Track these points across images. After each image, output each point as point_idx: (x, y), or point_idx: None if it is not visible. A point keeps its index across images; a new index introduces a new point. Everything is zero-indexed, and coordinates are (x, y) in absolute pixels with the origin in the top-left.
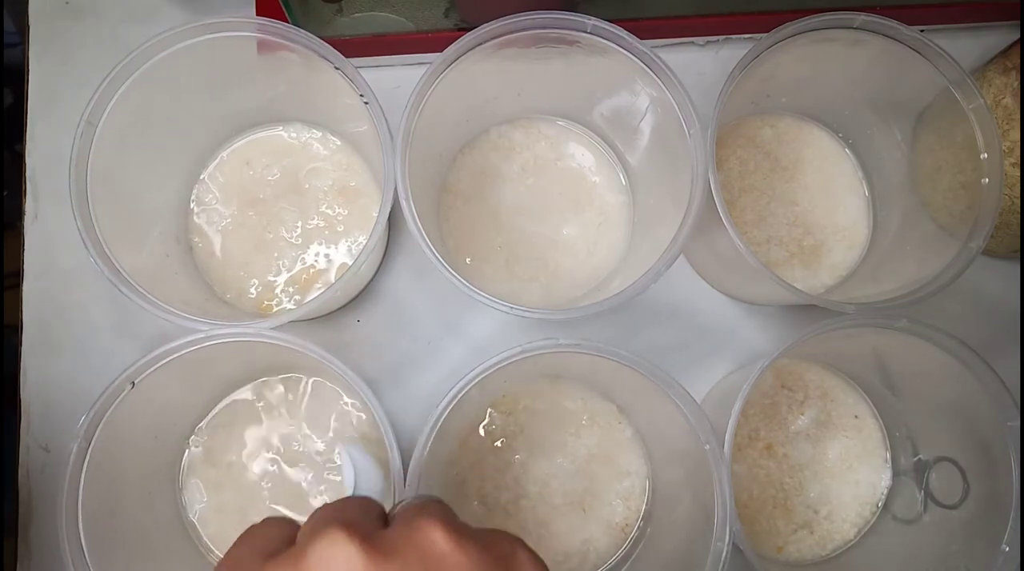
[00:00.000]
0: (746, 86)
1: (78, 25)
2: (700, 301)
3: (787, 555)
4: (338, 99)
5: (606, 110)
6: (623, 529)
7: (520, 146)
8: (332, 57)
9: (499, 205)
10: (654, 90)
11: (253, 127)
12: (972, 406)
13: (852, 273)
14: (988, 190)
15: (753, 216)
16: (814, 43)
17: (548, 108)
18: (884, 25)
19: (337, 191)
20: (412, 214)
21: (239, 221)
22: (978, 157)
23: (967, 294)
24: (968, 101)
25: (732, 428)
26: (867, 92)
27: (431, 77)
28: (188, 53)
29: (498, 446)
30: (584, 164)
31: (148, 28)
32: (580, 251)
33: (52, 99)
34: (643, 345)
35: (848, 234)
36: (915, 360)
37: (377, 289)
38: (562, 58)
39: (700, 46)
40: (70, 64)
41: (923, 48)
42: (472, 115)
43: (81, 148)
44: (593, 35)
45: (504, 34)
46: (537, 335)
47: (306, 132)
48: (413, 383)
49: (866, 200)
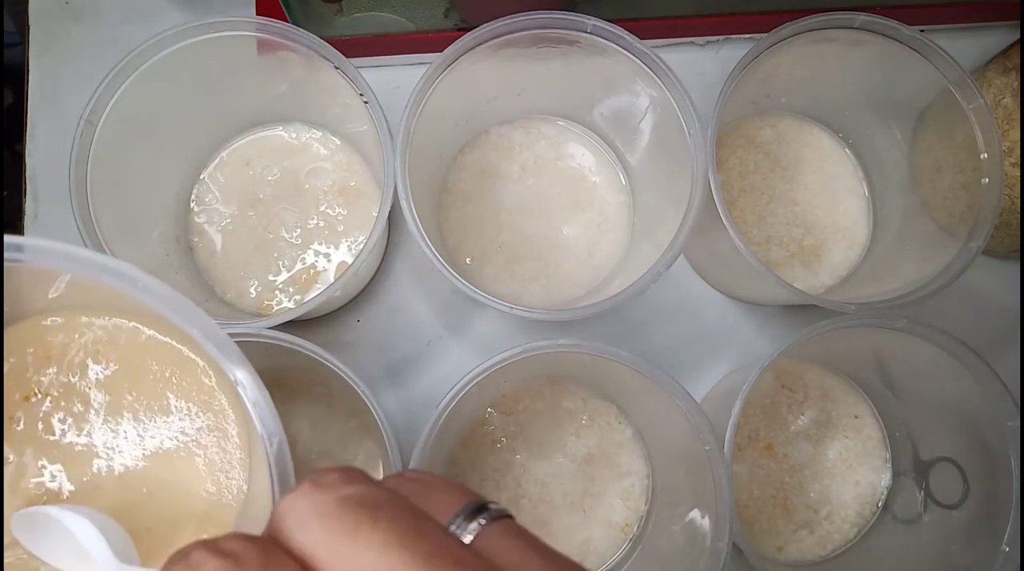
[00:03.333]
0: (746, 86)
1: (78, 25)
2: (700, 301)
3: (787, 555)
4: (338, 99)
5: (606, 110)
6: (623, 529)
7: (520, 146)
8: (332, 57)
9: (499, 205)
10: (654, 90)
11: (253, 127)
12: (972, 406)
13: (852, 273)
14: (988, 190)
15: (753, 216)
16: (814, 43)
17: (548, 108)
18: (884, 25)
19: (337, 191)
20: (412, 214)
21: (239, 221)
22: (978, 157)
23: (967, 294)
24: (968, 101)
25: (732, 428)
26: (867, 92)
27: (431, 77)
28: (188, 53)
29: (498, 446)
30: (584, 164)
31: (148, 28)
32: (580, 251)
33: (52, 99)
34: (643, 345)
35: (848, 234)
36: (915, 360)
37: (377, 289)
38: (562, 58)
39: (700, 46)
40: (70, 64)
41: (923, 48)
42: (472, 115)
43: (81, 148)
44: (593, 35)
45: (504, 34)
46: (537, 335)
47: (306, 132)
48: (413, 383)
49: (866, 200)
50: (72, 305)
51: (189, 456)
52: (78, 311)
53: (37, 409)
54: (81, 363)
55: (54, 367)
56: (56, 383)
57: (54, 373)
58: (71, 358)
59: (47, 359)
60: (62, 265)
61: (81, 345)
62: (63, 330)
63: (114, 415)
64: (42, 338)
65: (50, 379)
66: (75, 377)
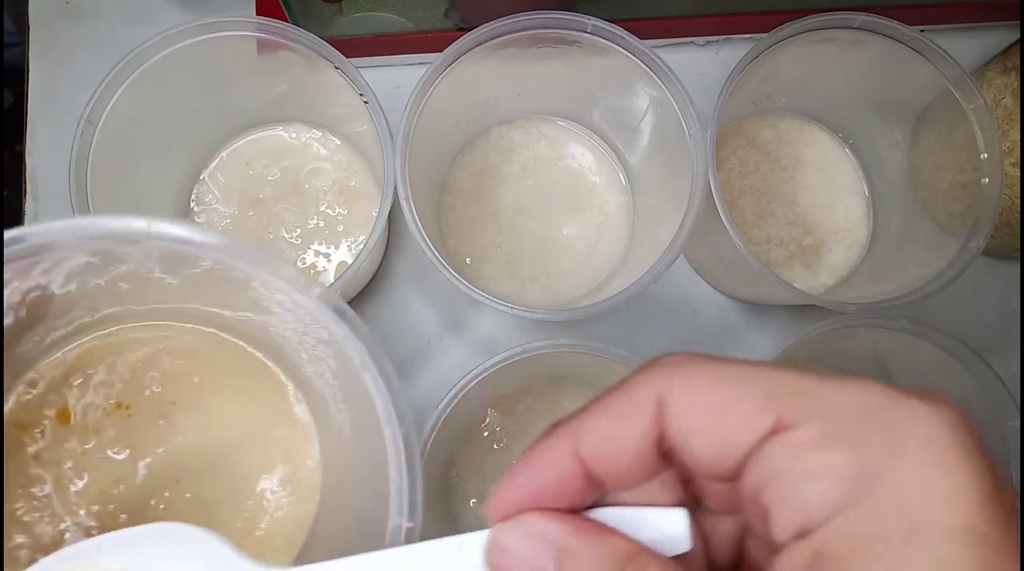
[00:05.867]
0: (746, 86)
1: (78, 25)
2: (700, 301)
3: None
4: (338, 99)
5: (606, 110)
6: None
7: (520, 146)
8: (332, 57)
9: (499, 205)
10: (654, 90)
11: (253, 127)
12: (972, 406)
13: (852, 273)
14: (988, 190)
15: (753, 216)
16: (814, 43)
17: (548, 108)
18: (884, 25)
19: (337, 191)
20: (412, 214)
21: (239, 221)
22: (978, 157)
23: (967, 294)
24: (968, 101)
25: None
26: (867, 92)
27: (431, 77)
28: (188, 53)
29: (498, 446)
30: (584, 164)
31: (148, 28)
32: (580, 251)
33: (52, 99)
34: (643, 345)
35: (848, 234)
36: (915, 360)
37: (377, 289)
38: (562, 58)
39: (700, 46)
40: (70, 64)
41: (923, 48)
42: (472, 115)
43: (81, 148)
44: (593, 35)
45: (504, 34)
46: (537, 335)
47: (306, 132)
48: (413, 383)
49: (866, 200)
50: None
51: (267, 457)
52: (156, 318)
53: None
54: (157, 369)
55: (129, 374)
56: (133, 389)
57: (127, 381)
58: (149, 364)
59: (126, 367)
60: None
61: (161, 351)
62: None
63: (193, 411)
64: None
65: (127, 386)
66: (155, 387)
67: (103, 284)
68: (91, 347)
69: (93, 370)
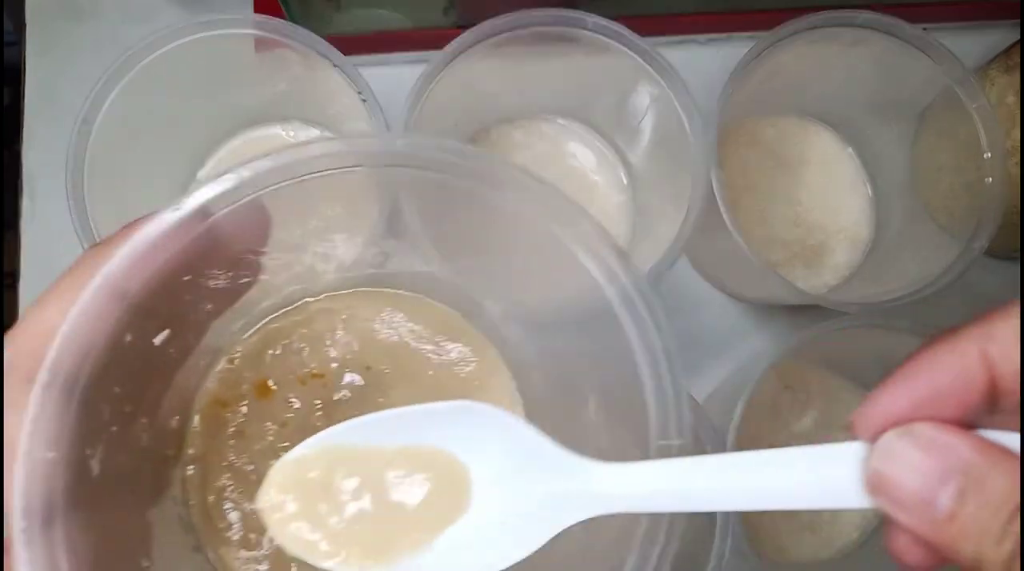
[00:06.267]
0: (748, 84)
1: (76, 24)
2: (701, 301)
3: (790, 556)
4: (337, 97)
5: (607, 109)
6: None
7: (520, 145)
8: (331, 55)
9: None
10: (655, 88)
11: (251, 126)
12: None
13: (855, 273)
14: (991, 190)
15: (755, 216)
16: (816, 41)
17: (548, 107)
18: (887, 23)
19: None
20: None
21: None
22: (981, 156)
23: (969, 294)
24: (971, 100)
25: (734, 429)
26: (869, 91)
27: (430, 75)
28: (185, 51)
29: None
30: (584, 163)
31: (147, 28)
32: None
33: (49, 98)
34: None
35: (851, 234)
36: None
37: None
38: (562, 56)
39: (702, 44)
40: (68, 63)
41: (926, 46)
42: (472, 113)
43: (78, 147)
44: (594, 32)
45: (503, 32)
46: None
47: (304, 131)
48: None
49: (869, 200)
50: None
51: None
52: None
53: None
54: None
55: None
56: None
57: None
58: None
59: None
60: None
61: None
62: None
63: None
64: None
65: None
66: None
67: None
68: (285, 322)
69: (288, 340)
